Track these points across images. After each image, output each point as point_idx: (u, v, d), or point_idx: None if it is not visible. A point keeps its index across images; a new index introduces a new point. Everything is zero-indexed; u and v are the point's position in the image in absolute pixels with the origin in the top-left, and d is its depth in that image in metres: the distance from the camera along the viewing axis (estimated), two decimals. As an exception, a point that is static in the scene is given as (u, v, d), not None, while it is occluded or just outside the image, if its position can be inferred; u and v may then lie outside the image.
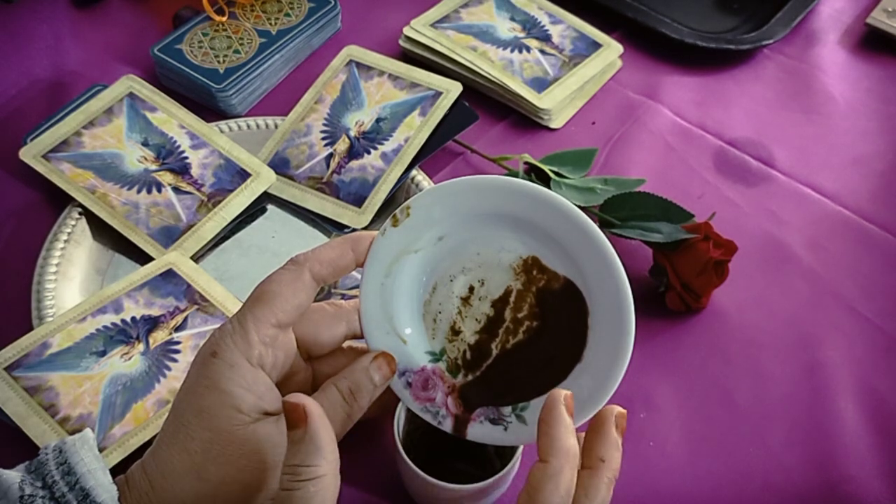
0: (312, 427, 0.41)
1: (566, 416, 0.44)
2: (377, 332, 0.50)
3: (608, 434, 0.45)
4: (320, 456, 0.41)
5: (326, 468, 0.41)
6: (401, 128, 0.79)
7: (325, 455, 0.41)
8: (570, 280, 0.49)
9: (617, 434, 0.45)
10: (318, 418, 0.41)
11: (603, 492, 0.44)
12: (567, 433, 0.43)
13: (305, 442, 0.41)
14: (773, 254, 0.77)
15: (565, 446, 0.43)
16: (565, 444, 0.43)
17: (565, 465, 0.42)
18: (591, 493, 0.43)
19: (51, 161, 0.74)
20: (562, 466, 0.42)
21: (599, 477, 0.44)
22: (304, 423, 0.41)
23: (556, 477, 0.42)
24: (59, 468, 0.45)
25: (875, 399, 0.67)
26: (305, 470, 0.41)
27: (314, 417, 0.41)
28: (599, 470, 0.44)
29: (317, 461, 0.41)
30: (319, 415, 0.41)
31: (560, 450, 0.43)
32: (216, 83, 0.81)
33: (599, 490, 0.43)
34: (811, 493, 0.62)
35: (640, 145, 0.84)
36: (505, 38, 0.89)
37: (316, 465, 0.41)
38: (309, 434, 0.41)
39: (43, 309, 0.66)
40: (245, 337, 0.46)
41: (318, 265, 0.48)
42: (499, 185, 0.49)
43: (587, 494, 0.43)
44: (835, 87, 0.92)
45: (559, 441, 0.43)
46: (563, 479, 0.42)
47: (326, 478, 0.41)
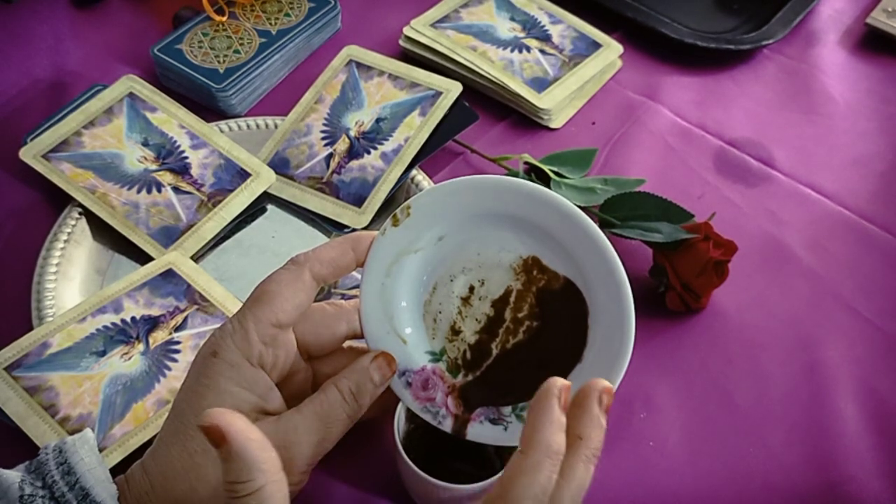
0: (235, 444, 0.39)
1: (555, 410, 0.41)
2: (377, 332, 0.50)
3: (588, 409, 0.42)
4: (253, 469, 0.39)
5: (262, 479, 0.39)
6: (401, 128, 0.79)
7: (258, 467, 0.39)
8: (570, 280, 0.49)
9: (600, 411, 0.42)
10: (239, 433, 0.39)
11: (580, 471, 0.41)
12: (551, 427, 0.41)
13: (232, 458, 0.39)
14: (773, 254, 0.76)
15: (546, 440, 0.41)
16: (546, 439, 0.41)
17: (544, 461, 0.40)
18: (567, 472, 0.41)
19: (51, 161, 0.74)
20: (539, 462, 0.40)
21: (576, 455, 0.41)
22: (225, 442, 0.39)
23: (532, 472, 0.40)
24: (59, 468, 0.45)
25: (875, 399, 0.67)
26: (241, 486, 0.39)
27: (234, 434, 0.39)
28: (576, 447, 0.41)
29: (250, 476, 0.39)
30: (241, 428, 0.39)
31: (540, 443, 0.41)
32: (216, 83, 0.81)
33: (575, 469, 0.41)
34: (811, 494, 0.62)
35: (640, 145, 0.84)
36: (505, 38, 0.89)
37: (250, 479, 0.39)
38: (234, 451, 0.39)
39: (43, 309, 0.66)
40: (245, 337, 0.46)
41: (319, 265, 0.48)
42: (499, 185, 0.49)
43: (562, 473, 0.41)
44: (835, 88, 0.92)
45: (540, 434, 0.41)
46: (539, 475, 0.40)
47: (266, 487, 0.39)
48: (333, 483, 0.60)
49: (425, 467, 0.53)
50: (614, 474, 0.62)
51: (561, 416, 0.42)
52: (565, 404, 0.42)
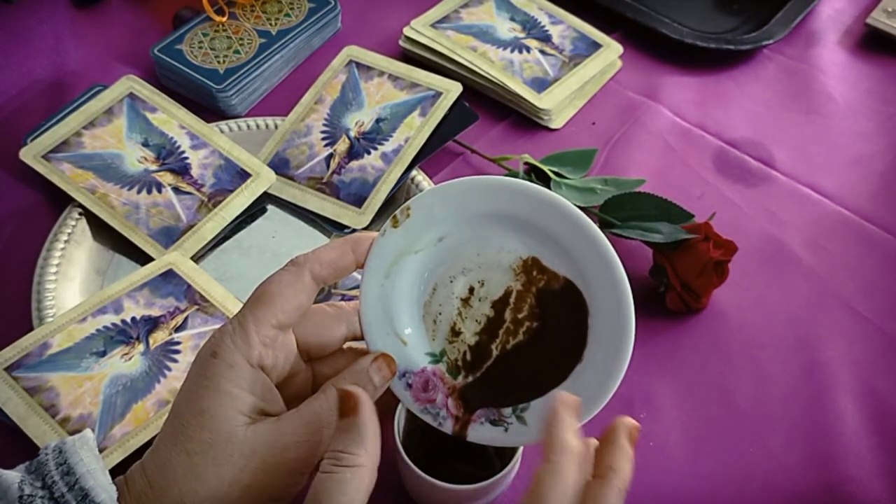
0: (361, 417, 0.42)
1: (569, 417, 0.44)
2: (377, 334, 0.50)
3: (619, 443, 0.45)
4: (362, 446, 0.42)
5: (365, 459, 0.42)
6: (401, 128, 0.79)
7: (367, 447, 0.42)
8: (570, 280, 0.49)
9: (628, 445, 0.45)
10: (369, 410, 0.43)
11: (612, 500, 0.43)
12: (568, 431, 0.43)
13: (352, 430, 0.42)
14: (773, 254, 0.77)
15: (565, 442, 0.43)
16: (565, 440, 0.43)
17: (565, 461, 0.42)
18: (600, 500, 0.43)
19: (51, 161, 0.74)
20: (562, 462, 0.42)
21: (609, 486, 0.43)
22: (355, 412, 0.42)
23: (557, 472, 0.42)
24: (59, 468, 0.45)
25: (875, 399, 0.67)
26: (347, 457, 0.42)
27: (364, 409, 0.43)
28: (608, 479, 0.44)
29: (358, 451, 0.42)
30: (370, 408, 0.43)
31: (559, 446, 0.43)
32: (216, 83, 0.82)
33: (608, 498, 0.43)
34: (811, 494, 0.62)
35: (640, 145, 0.84)
36: (505, 39, 0.89)
37: (357, 454, 0.42)
38: (357, 424, 0.42)
39: (43, 309, 0.66)
40: (245, 338, 0.46)
41: (319, 266, 0.48)
42: (499, 186, 0.49)
43: (595, 500, 0.43)
44: (835, 88, 0.92)
45: (559, 438, 0.43)
46: (564, 474, 0.42)
47: (364, 469, 0.42)
48: (333, 483, 0.60)
49: (425, 467, 0.53)
50: (614, 474, 0.62)
51: (573, 421, 0.44)
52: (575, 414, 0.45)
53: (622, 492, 0.44)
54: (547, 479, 0.42)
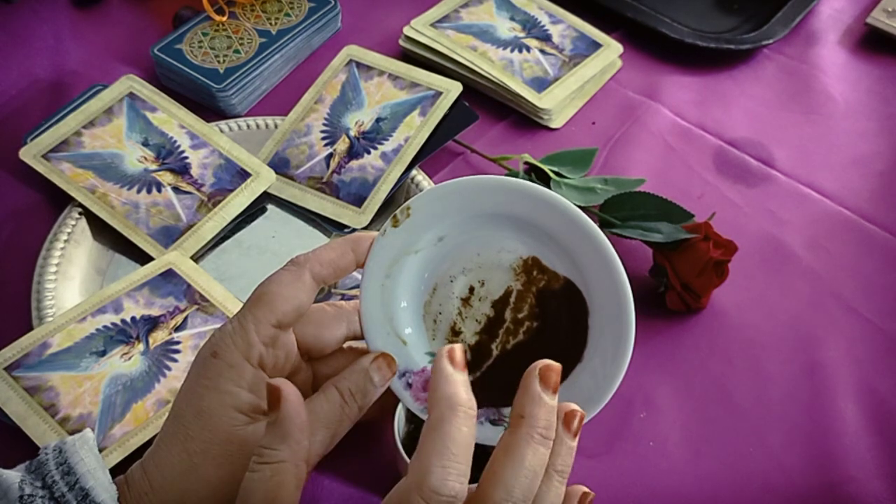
0: (283, 412, 0.40)
1: (535, 387, 0.42)
2: (377, 333, 0.50)
3: (526, 388, 0.42)
4: (283, 442, 0.40)
5: (286, 455, 0.40)
6: (401, 128, 0.79)
7: (288, 443, 0.40)
8: (570, 280, 0.49)
9: (541, 387, 0.42)
10: (292, 405, 0.41)
11: (522, 449, 0.41)
12: (528, 404, 0.41)
13: (275, 426, 0.41)
14: (773, 254, 0.77)
15: (526, 415, 0.41)
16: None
17: (445, 412, 0.40)
18: (509, 451, 0.41)
19: (51, 161, 0.74)
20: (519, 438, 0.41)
21: (516, 433, 0.41)
22: (278, 407, 0.41)
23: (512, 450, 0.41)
24: (59, 468, 0.45)
25: (875, 399, 0.67)
26: (268, 453, 0.41)
27: (288, 403, 0.41)
28: (517, 426, 0.41)
29: (279, 446, 0.40)
30: (295, 402, 0.41)
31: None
32: (216, 83, 0.81)
33: (516, 447, 0.41)
34: (811, 494, 0.62)
35: (640, 145, 0.84)
36: (505, 38, 0.89)
37: (278, 449, 0.40)
38: (279, 419, 0.40)
39: (43, 309, 0.66)
40: (245, 337, 0.46)
41: (319, 266, 0.48)
42: (499, 186, 0.49)
43: (504, 453, 0.41)
44: (835, 87, 0.92)
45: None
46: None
47: (285, 465, 0.40)
48: (333, 483, 0.60)
49: (425, 467, 0.53)
50: (614, 474, 0.62)
51: (455, 371, 0.42)
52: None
53: (533, 439, 0.41)
54: (428, 435, 0.40)
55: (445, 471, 0.39)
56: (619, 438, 0.64)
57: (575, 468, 0.62)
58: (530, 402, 0.42)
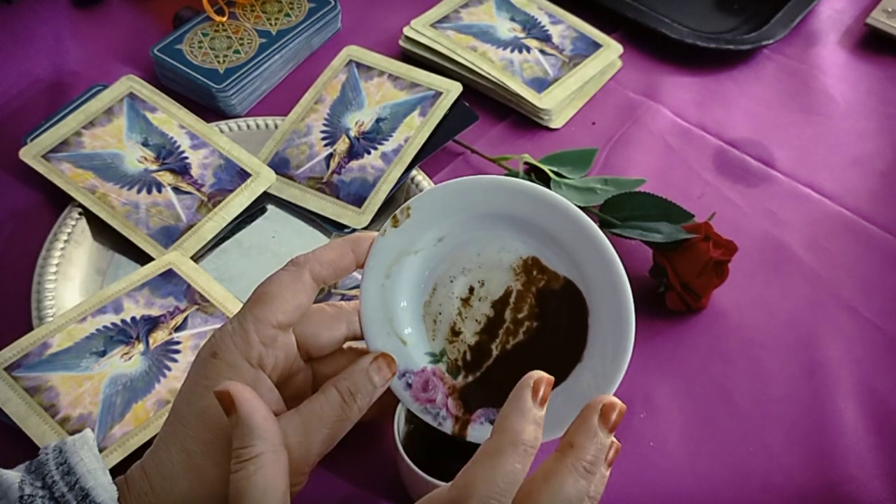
0: (242, 411, 0.41)
1: (526, 399, 0.41)
2: (377, 333, 0.50)
3: (584, 420, 0.42)
4: (254, 436, 0.41)
5: (262, 447, 0.41)
6: (401, 128, 0.79)
7: (258, 434, 0.42)
8: (570, 280, 0.49)
9: (600, 424, 0.42)
10: (247, 401, 0.42)
11: (563, 479, 0.40)
12: (520, 416, 0.41)
13: (238, 425, 0.42)
14: (773, 254, 0.77)
15: (512, 427, 0.40)
16: (513, 426, 0.40)
17: (507, 448, 0.40)
18: (549, 477, 0.41)
19: (51, 161, 0.74)
20: (502, 448, 0.40)
21: (562, 461, 0.41)
22: (233, 410, 0.42)
23: (494, 457, 0.40)
24: (59, 468, 0.45)
25: (875, 399, 0.67)
26: (242, 451, 0.41)
27: (242, 401, 0.42)
28: (564, 454, 0.41)
29: (251, 441, 0.41)
30: (248, 398, 0.42)
31: (505, 430, 0.40)
32: (216, 83, 0.81)
33: (558, 476, 0.41)
34: (811, 494, 0.62)
35: (640, 145, 0.84)
36: (505, 39, 0.89)
37: (251, 445, 0.41)
38: (239, 418, 0.41)
39: (43, 309, 0.66)
40: (245, 338, 0.46)
41: (319, 266, 0.48)
42: (499, 186, 0.49)
43: (545, 478, 0.41)
44: (835, 88, 0.92)
45: (507, 421, 0.41)
46: (502, 461, 0.39)
47: (264, 456, 0.41)
48: (333, 483, 0.60)
49: (425, 467, 0.53)
50: (614, 474, 0.62)
51: (533, 406, 0.41)
52: (543, 398, 0.42)
53: (577, 471, 0.41)
54: (484, 463, 0.40)
55: (486, 501, 0.39)
56: (619, 438, 0.63)
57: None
58: (584, 433, 0.42)
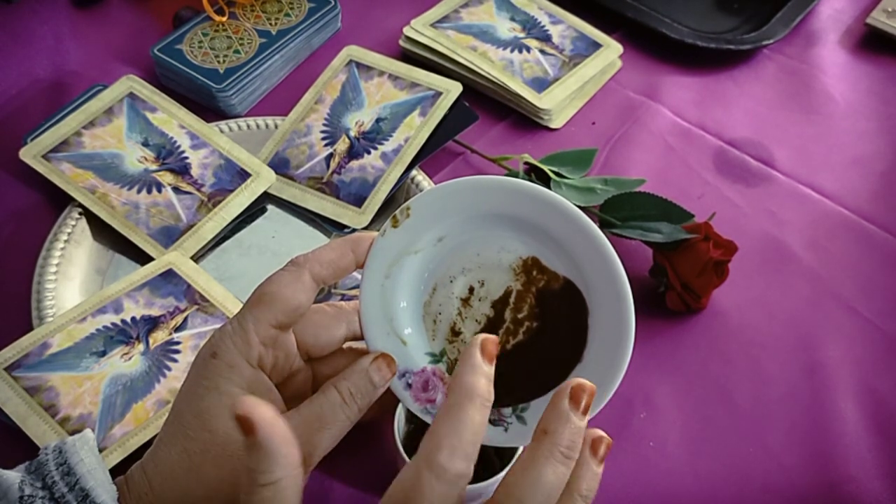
0: (262, 435, 0.39)
1: (475, 356, 0.42)
2: (377, 334, 0.50)
3: (554, 405, 0.42)
4: (273, 461, 0.40)
5: (280, 472, 0.40)
6: (401, 128, 0.79)
7: (277, 460, 0.40)
8: (569, 280, 0.49)
9: (571, 407, 0.42)
10: (268, 426, 0.40)
11: (541, 465, 0.40)
12: (470, 371, 0.42)
13: (256, 449, 0.40)
14: (773, 254, 0.76)
15: (463, 382, 0.42)
16: (463, 381, 0.42)
17: (463, 402, 0.41)
18: (528, 465, 0.41)
19: (51, 161, 0.74)
20: (459, 403, 0.41)
21: (538, 449, 0.41)
22: (254, 433, 0.39)
23: (453, 413, 0.41)
24: (59, 468, 0.45)
25: (875, 399, 0.67)
26: (260, 476, 0.40)
27: (263, 426, 0.39)
28: (539, 442, 0.41)
29: (270, 467, 0.40)
30: (269, 422, 0.40)
31: (459, 386, 0.42)
32: (216, 83, 0.81)
33: (535, 462, 0.41)
34: (811, 494, 0.62)
35: (640, 145, 0.84)
36: (505, 38, 0.89)
37: (269, 471, 0.40)
38: (259, 442, 0.39)
39: (43, 309, 0.66)
40: (245, 338, 0.46)
41: (319, 266, 0.48)
42: (499, 186, 0.49)
43: (522, 467, 0.41)
44: (835, 88, 0.92)
45: (458, 378, 0.42)
46: (462, 414, 0.41)
47: (282, 481, 0.40)
48: (333, 483, 0.60)
49: (425, 468, 0.53)
50: (614, 474, 0.62)
51: (483, 362, 0.42)
52: (490, 356, 0.43)
53: (554, 457, 0.41)
54: (445, 420, 0.41)
55: (455, 450, 0.40)
56: (619, 438, 0.64)
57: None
58: (556, 419, 0.41)
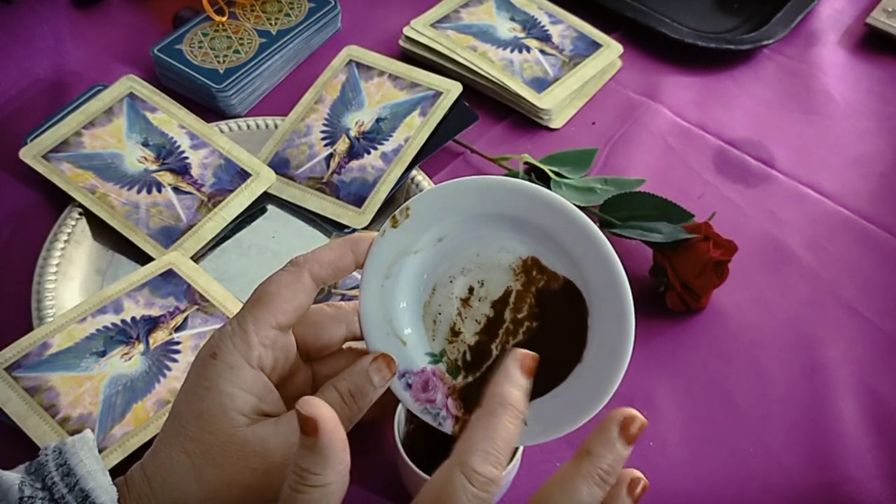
0: (324, 439, 0.40)
1: (511, 368, 0.44)
2: (377, 334, 0.50)
3: (604, 429, 0.43)
4: (328, 466, 0.40)
5: (333, 477, 0.41)
6: (401, 128, 0.79)
7: (333, 465, 0.41)
8: (569, 280, 0.49)
9: (619, 436, 0.42)
10: (331, 431, 0.40)
11: (578, 486, 0.41)
12: (506, 381, 0.43)
13: (316, 451, 0.40)
14: (773, 254, 0.76)
15: (499, 392, 0.43)
16: (500, 391, 0.43)
17: (497, 409, 0.42)
18: (566, 482, 0.41)
19: (51, 161, 0.74)
20: (493, 410, 0.42)
21: (577, 468, 0.41)
22: (317, 434, 0.40)
23: (486, 419, 0.42)
24: (59, 469, 0.45)
25: (875, 399, 0.67)
26: (313, 477, 0.40)
27: (326, 429, 0.40)
28: (580, 461, 0.42)
29: (324, 471, 0.40)
30: (332, 427, 0.40)
31: (493, 395, 0.43)
32: (216, 83, 0.81)
33: (572, 482, 0.41)
34: (811, 494, 0.62)
35: (640, 145, 0.84)
36: (505, 38, 0.89)
37: (323, 474, 0.40)
38: (320, 445, 0.40)
39: (43, 309, 0.66)
40: (245, 338, 0.46)
41: (318, 266, 0.48)
42: (498, 186, 0.49)
43: (560, 483, 0.41)
44: (835, 88, 0.92)
45: (493, 387, 0.43)
46: (495, 421, 0.42)
47: (332, 486, 0.41)
48: (333, 483, 0.60)
49: (425, 468, 0.53)
50: (614, 474, 0.62)
51: (520, 376, 0.44)
52: (529, 371, 0.44)
53: (593, 478, 0.41)
54: (478, 425, 0.42)
55: (487, 455, 0.41)
56: (618, 438, 0.64)
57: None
58: (603, 443, 0.42)
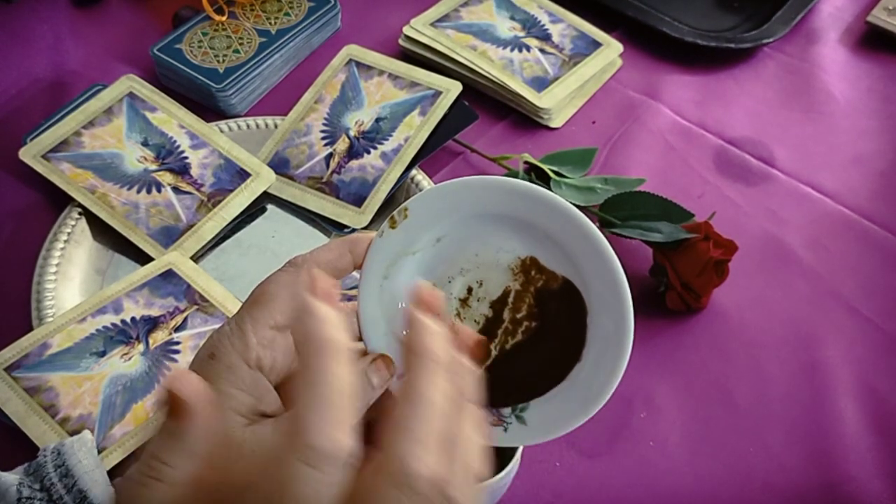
0: (191, 429, 0.34)
1: (417, 315, 0.38)
2: (375, 334, 0.50)
3: (411, 320, 0.37)
4: (183, 458, 0.34)
5: (182, 475, 0.34)
6: (401, 127, 0.79)
7: (192, 460, 0.35)
8: (568, 280, 0.49)
9: (420, 311, 0.38)
10: (201, 428, 0.34)
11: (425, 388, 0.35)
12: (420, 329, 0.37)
13: (175, 436, 0.34)
14: (773, 254, 0.76)
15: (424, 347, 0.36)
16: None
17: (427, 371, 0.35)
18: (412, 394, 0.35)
19: (51, 161, 0.74)
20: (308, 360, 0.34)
21: (415, 372, 0.36)
22: (184, 421, 0.34)
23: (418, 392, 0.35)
24: (57, 470, 0.45)
25: (875, 399, 0.67)
26: (163, 468, 0.34)
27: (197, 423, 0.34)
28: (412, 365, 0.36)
29: (177, 462, 0.34)
30: (204, 415, 0.35)
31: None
32: (216, 83, 0.81)
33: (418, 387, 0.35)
34: (811, 493, 0.62)
35: (640, 145, 0.84)
36: (505, 38, 0.89)
37: (175, 466, 0.34)
38: (179, 430, 0.34)
39: (43, 309, 0.66)
40: (243, 339, 0.46)
41: (317, 267, 0.48)
42: (497, 186, 0.49)
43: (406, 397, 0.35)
44: (835, 86, 0.91)
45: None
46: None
47: (178, 486, 0.34)
48: (333, 483, 0.60)
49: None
50: (614, 474, 0.62)
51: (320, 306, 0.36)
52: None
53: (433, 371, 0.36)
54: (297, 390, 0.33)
55: (322, 420, 0.31)
56: (619, 438, 0.64)
57: (575, 468, 0.63)
58: (419, 332, 0.37)
